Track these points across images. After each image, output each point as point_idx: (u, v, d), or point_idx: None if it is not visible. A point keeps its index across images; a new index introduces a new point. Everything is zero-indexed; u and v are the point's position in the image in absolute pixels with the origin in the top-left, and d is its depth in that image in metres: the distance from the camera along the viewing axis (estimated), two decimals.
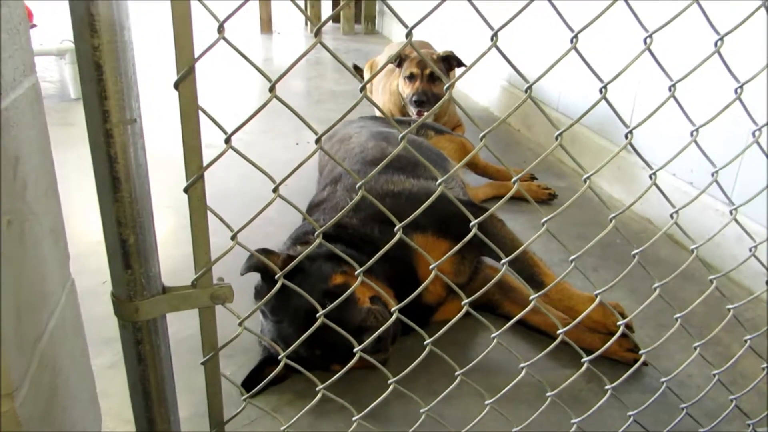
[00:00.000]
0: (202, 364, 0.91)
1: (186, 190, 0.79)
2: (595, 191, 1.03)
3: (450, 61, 3.25)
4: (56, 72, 4.55)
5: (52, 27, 4.14)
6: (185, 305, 0.87)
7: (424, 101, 3.23)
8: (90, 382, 1.07)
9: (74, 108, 3.80)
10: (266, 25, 6.96)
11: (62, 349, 0.93)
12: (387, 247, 0.91)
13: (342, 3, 5.02)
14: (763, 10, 0.99)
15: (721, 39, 0.97)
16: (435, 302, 1.76)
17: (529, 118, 3.59)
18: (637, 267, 1.11)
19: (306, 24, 7.58)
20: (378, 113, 3.48)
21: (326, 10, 7.81)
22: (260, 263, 1.10)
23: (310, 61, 5.51)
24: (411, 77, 3.28)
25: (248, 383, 1.48)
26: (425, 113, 3.25)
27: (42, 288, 0.85)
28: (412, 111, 3.30)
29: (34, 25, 4.24)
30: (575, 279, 2.05)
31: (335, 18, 7.73)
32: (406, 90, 3.30)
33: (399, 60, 3.33)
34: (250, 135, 3.44)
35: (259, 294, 1.53)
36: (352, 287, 1.00)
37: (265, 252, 1.51)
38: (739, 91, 1.06)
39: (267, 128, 3.61)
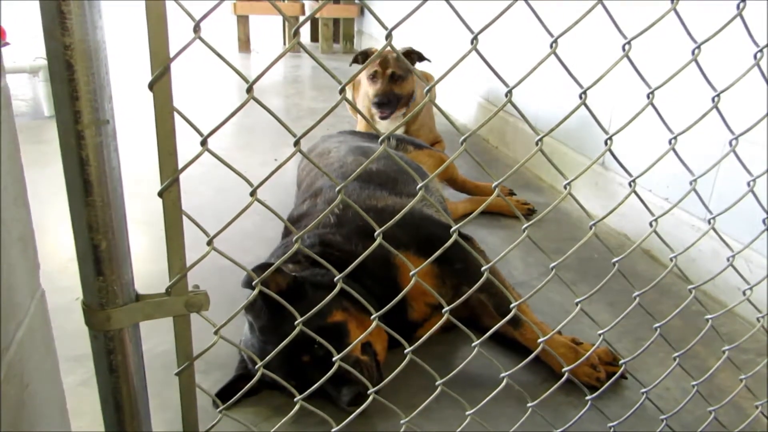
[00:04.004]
0: (177, 374, 0.88)
1: (160, 194, 0.77)
2: (575, 198, 1.03)
3: (411, 56, 3.22)
4: (29, 90, 4.51)
5: (25, 46, 4.10)
6: (159, 313, 0.84)
7: (384, 103, 3.19)
8: (60, 397, 1.03)
9: (47, 126, 3.75)
10: (244, 45, 6.97)
11: (30, 362, 0.89)
12: (368, 251, 0.90)
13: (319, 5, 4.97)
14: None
15: (698, 47, 0.98)
16: (420, 319, 1.74)
17: (507, 135, 3.62)
18: (614, 281, 1.11)
19: (284, 44, 7.61)
20: (357, 127, 3.47)
21: (305, 29, 7.86)
22: (262, 279, 1.01)
23: (288, 79, 5.52)
24: (374, 76, 3.23)
25: (223, 395, 1.44)
26: (387, 115, 3.21)
27: (9, 297, 0.82)
28: (375, 113, 3.25)
29: (7, 44, 4.19)
30: (555, 293, 2.06)
31: (314, 38, 7.77)
32: (370, 90, 3.25)
33: (365, 58, 3.30)
34: (227, 151, 3.42)
35: (252, 307, 1.49)
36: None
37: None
38: (716, 99, 1.07)
39: (245, 145, 3.60)
